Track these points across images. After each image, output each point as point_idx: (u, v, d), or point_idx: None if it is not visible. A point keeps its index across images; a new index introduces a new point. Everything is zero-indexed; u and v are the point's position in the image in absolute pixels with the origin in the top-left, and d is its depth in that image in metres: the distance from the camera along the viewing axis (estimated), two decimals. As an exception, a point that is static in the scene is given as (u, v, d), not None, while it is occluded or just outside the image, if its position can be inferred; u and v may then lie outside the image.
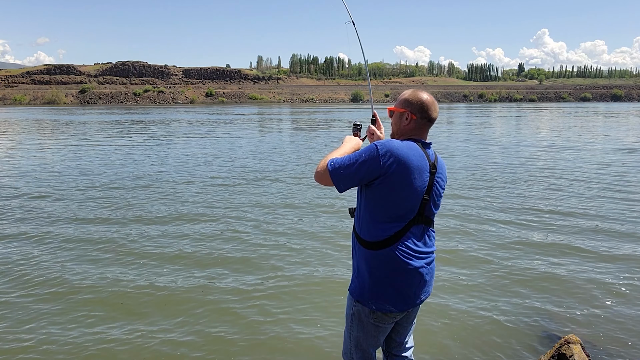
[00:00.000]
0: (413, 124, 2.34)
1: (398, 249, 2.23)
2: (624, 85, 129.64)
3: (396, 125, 2.41)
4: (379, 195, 2.22)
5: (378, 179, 2.19)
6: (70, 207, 8.59)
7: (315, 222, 7.64)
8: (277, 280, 5.32)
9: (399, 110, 2.38)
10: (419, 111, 2.32)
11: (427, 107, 2.33)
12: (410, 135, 2.36)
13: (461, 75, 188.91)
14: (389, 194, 2.20)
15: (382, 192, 2.21)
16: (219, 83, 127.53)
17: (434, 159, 2.33)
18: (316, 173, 2.33)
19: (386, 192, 2.20)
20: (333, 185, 2.28)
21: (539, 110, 61.02)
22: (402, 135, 2.38)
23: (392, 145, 2.20)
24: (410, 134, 2.36)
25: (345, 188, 2.28)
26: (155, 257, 6.08)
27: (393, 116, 2.43)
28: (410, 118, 2.33)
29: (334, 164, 2.26)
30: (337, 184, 2.26)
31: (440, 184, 2.36)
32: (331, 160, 2.28)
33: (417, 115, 2.33)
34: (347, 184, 2.25)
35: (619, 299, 4.81)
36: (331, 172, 2.25)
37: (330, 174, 2.25)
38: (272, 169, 13.09)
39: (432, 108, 2.34)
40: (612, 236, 6.80)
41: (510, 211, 8.27)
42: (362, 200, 2.33)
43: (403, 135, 2.38)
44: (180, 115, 47.68)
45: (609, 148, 17.86)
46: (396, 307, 2.30)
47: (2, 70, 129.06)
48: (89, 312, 4.59)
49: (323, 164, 2.30)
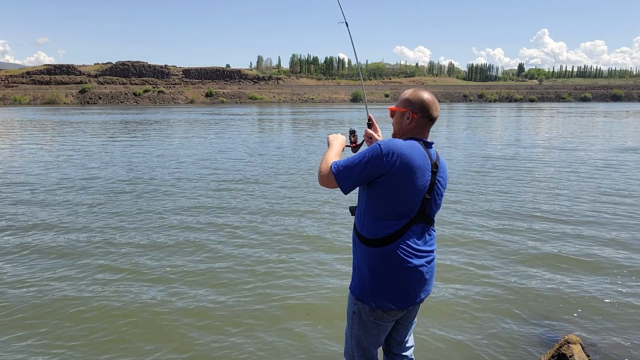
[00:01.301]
0: (414, 123, 2.36)
1: (398, 247, 2.24)
2: (624, 85, 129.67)
3: (397, 125, 2.43)
4: (381, 193, 2.24)
5: (381, 177, 2.21)
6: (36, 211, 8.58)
7: (316, 220, 7.64)
8: (277, 280, 5.32)
9: (400, 110, 2.39)
10: (420, 110, 2.34)
11: (428, 106, 2.34)
12: (411, 134, 2.38)
13: (461, 75, 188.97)
14: (391, 193, 2.22)
15: (384, 190, 2.23)
16: (219, 83, 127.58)
17: (435, 159, 2.36)
18: (320, 177, 2.35)
19: (388, 190, 2.22)
20: (338, 187, 2.29)
21: (538, 110, 61.01)
22: (404, 134, 2.40)
23: (395, 145, 2.22)
24: (412, 134, 2.38)
25: (351, 189, 2.30)
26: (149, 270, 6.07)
27: (394, 116, 2.44)
28: (412, 117, 2.35)
29: (337, 167, 2.28)
30: (342, 185, 2.28)
31: (441, 183, 2.38)
32: (334, 163, 2.31)
33: (418, 114, 2.35)
34: (352, 184, 2.28)
35: (619, 299, 4.81)
36: (336, 174, 2.27)
37: (335, 177, 2.28)
38: (261, 170, 13.09)
39: (433, 107, 2.36)
40: (612, 239, 6.80)
41: (510, 213, 8.26)
42: (364, 199, 2.34)
43: (404, 135, 2.39)
44: (176, 116, 47.67)
45: (608, 148, 17.86)
46: (396, 305, 2.32)
47: (2, 70, 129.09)
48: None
49: (325, 167, 2.33)
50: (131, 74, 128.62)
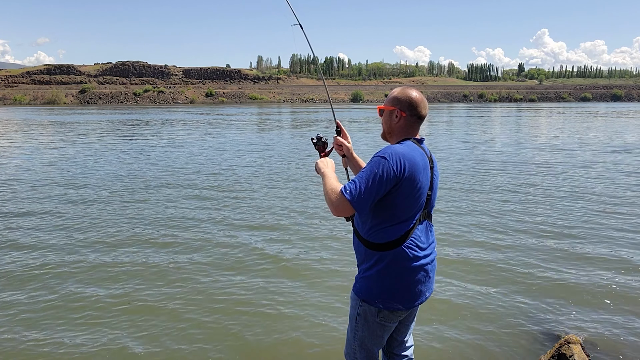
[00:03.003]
0: (403, 121, 2.35)
1: (407, 247, 2.25)
2: (624, 85, 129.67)
3: (387, 123, 2.42)
4: (393, 201, 2.21)
5: (395, 187, 2.17)
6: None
7: (314, 222, 7.63)
8: (277, 281, 5.32)
9: (388, 109, 2.39)
10: (408, 108, 2.34)
11: (416, 104, 2.33)
12: (402, 133, 2.37)
13: (461, 75, 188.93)
14: (403, 199, 2.21)
15: (397, 198, 2.20)
16: (219, 83, 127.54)
17: (429, 154, 2.39)
18: (334, 208, 2.19)
19: (401, 197, 2.20)
20: (355, 212, 2.21)
21: (538, 111, 61.01)
22: (393, 133, 2.40)
23: (397, 151, 2.20)
24: (402, 132, 2.37)
25: (369, 209, 2.21)
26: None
27: (383, 115, 2.44)
28: (400, 115, 2.35)
29: (351, 192, 2.13)
30: (361, 209, 2.16)
31: (437, 176, 2.42)
32: (343, 189, 2.17)
33: (406, 112, 2.34)
34: (369, 204, 2.17)
35: (619, 299, 4.81)
36: (352, 200, 2.13)
37: (352, 204, 2.13)
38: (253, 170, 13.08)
39: (421, 105, 2.35)
40: (612, 238, 6.79)
41: (510, 213, 8.26)
42: (372, 209, 2.26)
43: (394, 133, 2.39)
44: (175, 116, 47.68)
45: (609, 149, 17.85)
46: (404, 305, 2.32)
47: (2, 70, 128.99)
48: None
49: (335, 197, 2.19)
50: (131, 74, 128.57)
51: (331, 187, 2.25)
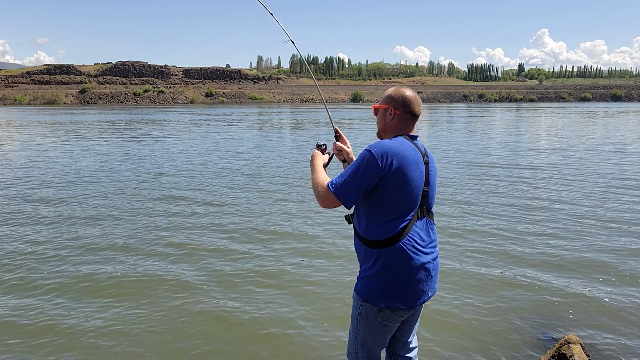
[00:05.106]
0: (397, 119, 2.40)
1: (405, 244, 2.25)
2: (624, 85, 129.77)
3: (381, 122, 2.47)
4: (383, 196, 2.23)
5: (381, 180, 2.20)
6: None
7: (315, 222, 7.63)
8: (277, 282, 5.32)
9: (382, 107, 2.44)
10: (401, 106, 2.38)
11: (409, 101, 2.38)
12: (395, 131, 2.41)
13: (461, 75, 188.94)
14: (394, 193, 2.22)
15: (386, 193, 2.22)
16: (219, 83, 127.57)
17: (424, 150, 2.40)
18: (320, 200, 2.31)
19: (391, 192, 2.22)
20: (340, 205, 2.27)
21: (538, 111, 60.99)
22: (387, 131, 2.43)
23: (385, 146, 2.24)
24: (395, 130, 2.41)
25: (354, 203, 2.29)
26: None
27: (378, 113, 2.49)
28: (394, 113, 2.39)
29: (335, 185, 2.25)
30: (346, 201, 2.24)
31: (434, 172, 2.42)
32: (330, 183, 2.28)
33: (400, 110, 2.38)
34: (355, 198, 2.25)
35: (619, 299, 4.81)
36: (336, 193, 2.23)
37: (336, 196, 2.23)
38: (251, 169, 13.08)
39: (414, 103, 2.39)
40: (612, 240, 6.80)
41: (509, 214, 8.26)
42: (364, 205, 2.32)
43: (388, 131, 2.43)
44: (177, 116, 47.64)
45: (608, 149, 17.85)
46: (405, 304, 2.31)
47: (2, 70, 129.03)
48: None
49: (321, 189, 2.30)
50: (131, 74, 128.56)
51: (318, 180, 2.36)
